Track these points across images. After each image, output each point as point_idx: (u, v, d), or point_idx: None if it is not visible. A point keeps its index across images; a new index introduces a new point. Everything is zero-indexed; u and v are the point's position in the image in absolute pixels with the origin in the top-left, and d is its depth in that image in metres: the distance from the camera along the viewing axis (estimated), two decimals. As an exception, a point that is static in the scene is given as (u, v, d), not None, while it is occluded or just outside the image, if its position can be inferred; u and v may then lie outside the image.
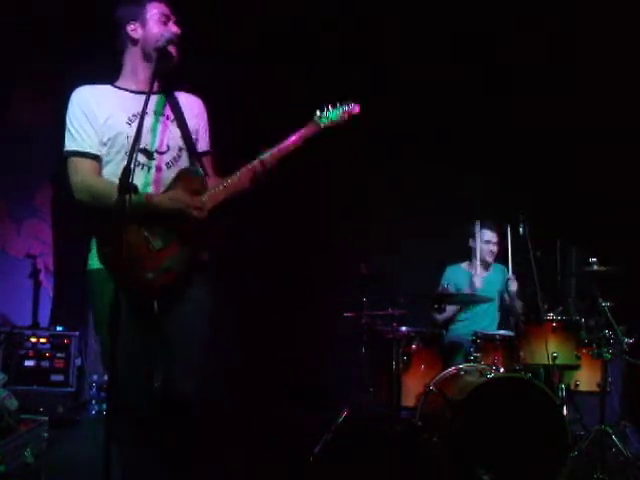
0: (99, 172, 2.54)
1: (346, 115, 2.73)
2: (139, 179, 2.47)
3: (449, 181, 5.70)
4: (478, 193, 5.56)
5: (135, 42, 2.61)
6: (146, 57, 2.61)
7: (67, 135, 2.55)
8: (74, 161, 2.53)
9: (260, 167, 2.57)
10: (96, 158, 2.53)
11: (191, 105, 2.73)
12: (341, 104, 2.73)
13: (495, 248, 5.00)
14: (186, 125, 2.64)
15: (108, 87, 2.63)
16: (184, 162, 2.63)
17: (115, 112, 2.55)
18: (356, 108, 2.76)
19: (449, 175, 5.68)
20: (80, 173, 2.51)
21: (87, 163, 2.51)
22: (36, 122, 5.59)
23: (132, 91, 2.61)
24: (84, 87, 2.59)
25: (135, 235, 2.42)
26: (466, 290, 4.85)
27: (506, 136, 5.60)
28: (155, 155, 2.56)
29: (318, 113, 2.71)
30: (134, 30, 2.60)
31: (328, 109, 2.71)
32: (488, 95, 5.59)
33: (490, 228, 4.98)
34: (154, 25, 2.60)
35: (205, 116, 2.78)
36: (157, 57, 2.53)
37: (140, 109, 2.35)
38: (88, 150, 2.52)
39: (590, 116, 5.32)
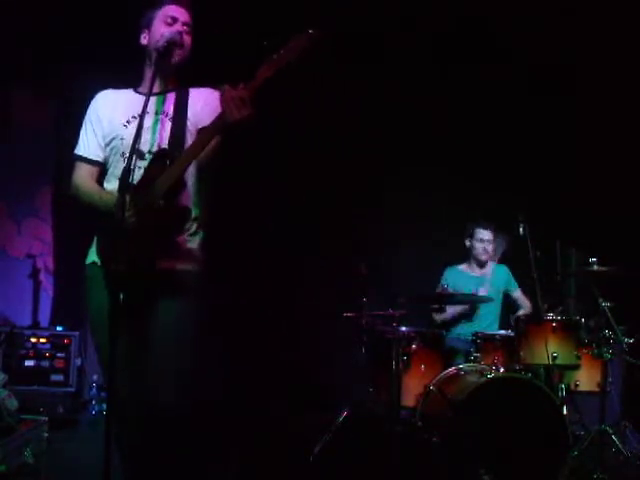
0: (95, 175, 2.68)
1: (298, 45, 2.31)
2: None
3: (449, 181, 5.69)
4: (478, 193, 5.56)
5: (145, 48, 2.65)
6: (150, 59, 2.63)
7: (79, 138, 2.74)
8: (75, 163, 2.71)
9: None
10: (94, 163, 2.67)
11: (198, 98, 2.64)
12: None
13: (490, 247, 5.01)
14: (182, 123, 2.57)
15: (126, 91, 2.68)
16: None
17: (116, 115, 2.61)
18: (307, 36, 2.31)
19: (449, 175, 5.67)
20: (75, 174, 2.69)
21: (83, 167, 2.69)
22: (36, 122, 5.59)
23: (139, 93, 2.64)
24: (102, 92, 2.71)
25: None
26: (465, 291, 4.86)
27: (506, 136, 5.60)
28: (147, 156, 2.52)
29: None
30: (144, 38, 2.66)
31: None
32: (487, 96, 5.58)
33: (484, 227, 4.99)
34: (157, 27, 2.62)
35: (214, 107, 2.54)
36: (156, 57, 2.53)
37: (140, 111, 2.38)
38: (86, 155, 2.68)
39: (590, 116, 5.32)
